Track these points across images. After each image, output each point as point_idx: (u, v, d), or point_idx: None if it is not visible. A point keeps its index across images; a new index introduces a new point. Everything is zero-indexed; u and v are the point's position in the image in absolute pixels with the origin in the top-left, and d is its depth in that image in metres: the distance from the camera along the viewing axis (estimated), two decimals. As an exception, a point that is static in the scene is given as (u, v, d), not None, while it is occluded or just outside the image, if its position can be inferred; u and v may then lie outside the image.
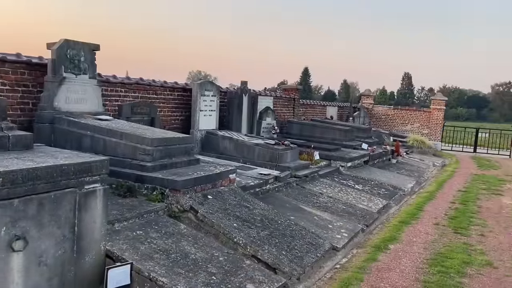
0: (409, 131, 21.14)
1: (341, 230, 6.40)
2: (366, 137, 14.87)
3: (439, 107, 21.56)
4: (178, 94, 9.88)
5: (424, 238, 6.44)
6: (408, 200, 9.33)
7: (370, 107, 22.36)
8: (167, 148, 6.07)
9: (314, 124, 13.99)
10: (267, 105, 12.66)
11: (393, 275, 4.95)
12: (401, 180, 11.22)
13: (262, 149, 8.94)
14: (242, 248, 4.87)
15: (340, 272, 5.00)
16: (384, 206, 8.37)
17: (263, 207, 6.13)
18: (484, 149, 21.34)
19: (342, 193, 8.65)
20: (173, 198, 5.33)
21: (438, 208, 8.45)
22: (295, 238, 5.51)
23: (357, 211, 7.58)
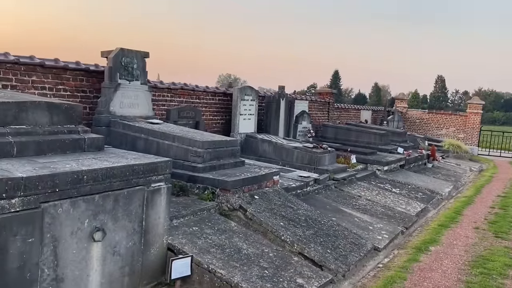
0: (444, 136, 20.92)
1: (382, 232, 6.59)
2: (401, 141, 14.88)
3: (476, 111, 21.23)
4: (219, 98, 10.28)
5: (464, 241, 6.54)
6: (446, 204, 9.37)
7: (404, 111, 22.23)
8: (216, 150, 6.43)
9: (349, 128, 14.13)
10: (303, 109, 12.91)
11: (435, 275, 5.12)
12: (438, 184, 11.23)
13: (301, 152, 9.20)
14: (289, 245, 5.15)
15: (383, 271, 5.21)
16: (422, 210, 8.48)
17: (306, 207, 6.40)
18: (523, 154, 20.86)
19: (380, 196, 8.81)
20: (223, 197, 5.67)
21: (477, 213, 8.48)
22: (338, 237, 5.75)
23: (395, 214, 7.73)
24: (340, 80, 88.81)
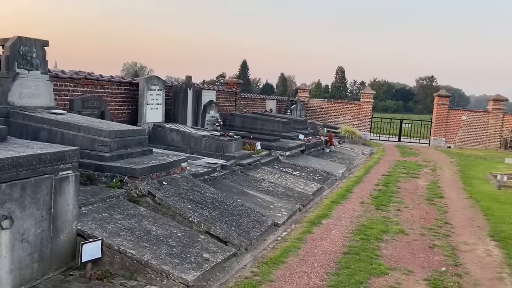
0: (342, 123, 22.73)
1: (282, 210, 7.28)
2: (303, 129, 15.99)
3: (368, 100, 23.36)
4: (125, 88, 10.26)
5: (351, 214, 7.49)
6: (339, 184, 10.45)
7: (306, 100, 23.67)
8: (123, 139, 6.58)
9: (255, 116, 14.84)
10: (211, 99, 13.30)
11: (324, 243, 5.89)
12: (333, 166, 12.39)
13: (209, 140, 9.61)
14: (197, 225, 5.56)
15: (281, 243, 5.86)
16: (318, 189, 9.40)
17: (213, 191, 6.85)
18: (407, 138, 23.48)
19: (282, 178, 9.57)
20: (132, 184, 5.89)
21: (364, 190, 9.62)
22: (242, 216, 6.29)
23: (295, 194, 8.51)
24: (249, 70, 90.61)
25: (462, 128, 22.12)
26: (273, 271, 4.81)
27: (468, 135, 22.07)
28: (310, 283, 4.57)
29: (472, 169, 13.88)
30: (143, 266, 4.34)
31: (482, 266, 5.39)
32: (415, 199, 9.01)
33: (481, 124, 21.92)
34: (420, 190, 9.98)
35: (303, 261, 5.18)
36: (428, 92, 75.76)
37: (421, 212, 7.94)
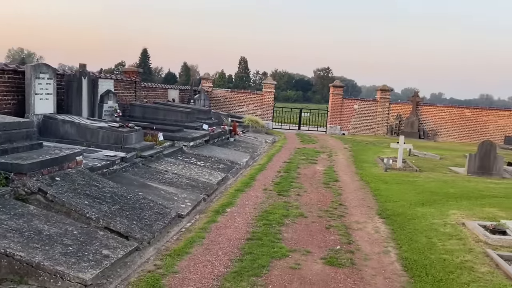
0: (245, 112, 23.12)
1: (186, 201, 7.22)
2: (207, 119, 15.97)
3: (270, 90, 24.05)
4: (9, 76, 9.29)
5: (254, 201, 7.69)
6: (243, 172, 10.66)
7: (210, 90, 23.64)
8: (7, 132, 5.99)
9: (156, 106, 14.44)
10: (108, 88, 12.64)
11: (229, 231, 5.98)
12: (237, 155, 12.59)
13: (107, 132, 9.15)
14: (95, 221, 5.29)
15: (185, 234, 5.82)
16: (223, 179, 9.48)
17: (112, 185, 6.55)
18: (307, 127, 24.70)
19: (186, 169, 9.48)
20: (19, 181, 5.39)
21: (267, 177, 9.93)
22: (144, 209, 6.12)
23: (199, 184, 8.50)
24: (150, 59, 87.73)
25: (355, 116, 23.82)
26: (177, 263, 4.77)
27: (359, 122, 23.85)
28: (215, 271, 4.62)
29: (363, 154, 15.05)
30: (34, 269, 4.02)
31: (371, 242, 5.89)
32: (313, 183, 9.53)
33: (371, 112, 23.81)
34: (318, 175, 10.58)
35: (208, 250, 5.21)
36: (324, 83, 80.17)
37: (318, 195, 8.42)
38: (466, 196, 8.45)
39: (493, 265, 4.96)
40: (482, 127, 22.90)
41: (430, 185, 9.52)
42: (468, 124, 23.13)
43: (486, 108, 24.28)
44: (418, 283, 4.54)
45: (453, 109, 23.91)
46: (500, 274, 4.72)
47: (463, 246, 5.59)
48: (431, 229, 6.30)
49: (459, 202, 7.93)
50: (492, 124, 22.80)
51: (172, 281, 4.33)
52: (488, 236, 5.76)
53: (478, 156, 11.45)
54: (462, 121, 23.22)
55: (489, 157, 11.38)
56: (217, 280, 4.41)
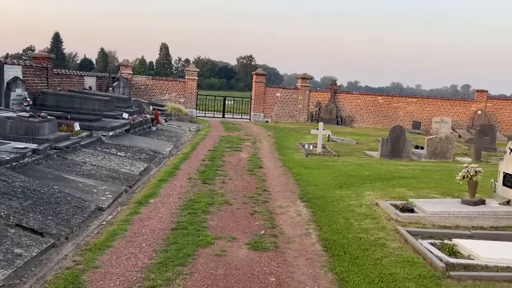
0: (168, 100, 22.63)
1: (106, 193, 6.94)
2: (127, 107, 15.38)
3: (193, 78, 23.74)
4: None
5: (179, 190, 7.60)
6: (167, 162, 10.47)
7: (129, 77, 22.76)
8: None
9: (72, 95, 13.62)
10: (16, 75, 11.66)
11: (153, 222, 5.86)
12: (160, 145, 12.32)
13: (15, 122, 8.47)
14: (5, 219, 4.91)
15: (106, 227, 5.61)
16: (145, 169, 9.24)
17: (24, 179, 6.11)
18: (231, 115, 24.79)
19: (105, 160, 9.09)
20: None
21: (191, 166, 9.85)
22: (61, 204, 5.79)
23: (120, 175, 8.20)
24: (63, 44, 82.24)
25: (277, 104, 24.35)
26: (99, 257, 4.59)
27: (282, 110, 24.43)
28: (139, 263, 4.52)
29: (286, 141, 15.48)
30: None
31: (294, 225, 6.12)
32: (238, 171, 9.63)
33: (292, 100, 24.49)
34: (243, 162, 10.71)
35: (131, 243, 5.07)
36: (248, 71, 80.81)
37: (243, 182, 8.54)
38: (379, 178, 9.05)
39: (402, 241, 5.39)
40: (393, 113, 24.56)
41: (347, 169, 10.06)
42: (381, 111, 24.68)
43: (397, 96, 26.04)
44: (337, 262, 4.80)
45: (367, 96, 25.34)
46: (408, 249, 5.14)
47: (376, 224, 6.01)
48: (348, 210, 6.68)
49: (373, 184, 8.48)
50: (402, 110, 24.54)
51: (93, 277, 4.16)
52: (398, 214, 6.24)
53: (390, 141, 12.30)
54: (375, 108, 24.71)
55: (399, 141, 12.27)
56: (142, 272, 4.32)
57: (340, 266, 4.68)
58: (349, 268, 4.61)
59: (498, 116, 23.47)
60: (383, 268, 4.60)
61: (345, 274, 4.46)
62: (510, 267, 4.57)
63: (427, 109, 24.24)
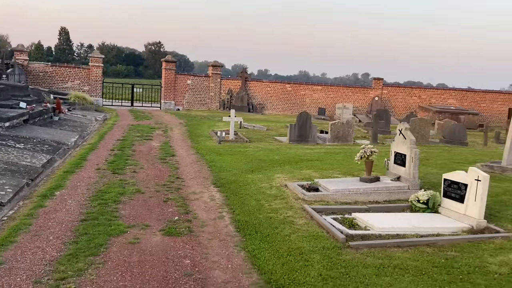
0: (70, 88, 21.33)
1: (5, 187, 6.47)
2: (24, 96, 14.27)
3: (98, 64, 22.58)
4: None
5: (87, 181, 7.33)
6: (72, 153, 9.97)
7: (25, 64, 21.01)
8: None
9: (-43, 82, 12.28)
10: None
11: (60, 214, 5.62)
12: (64, 135, 11.65)
13: None
14: None
15: (7, 222, 5.27)
16: (48, 161, 8.72)
17: None
18: (140, 103, 24.09)
19: (2, 153, 8.42)
20: None
21: (100, 156, 9.50)
22: (-48, 201, 5.30)
23: (20, 168, 7.67)
24: None
25: (188, 91, 24.15)
26: (1, 253, 4.33)
27: (193, 98, 24.30)
28: (46, 257, 4.34)
29: (198, 128, 15.50)
30: None
31: (208, 209, 6.26)
32: (149, 159, 9.50)
33: (204, 87, 24.46)
34: (154, 151, 10.57)
35: (37, 237, 4.84)
36: (156, 58, 78.56)
37: (155, 171, 8.46)
38: (288, 161, 9.53)
39: (308, 217, 5.80)
40: (300, 100, 25.68)
41: (259, 154, 10.42)
42: (290, 98, 25.67)
43: (304, 83, 27.23)
44: (249, 241, 5.05)
45: (277, 84, 26.16)
46: (314, 224, 5.55)
47: (285, 204, 6.37)
48: (259, 193, 6.98)
49: (282, 167, 8.91)
50: (308, 97, 25.74)
51: (-4, 274, 3.93)
52: (305, 194, 6.67)
53: (297, 126, 12.93)
54: (284, 95, 25.63)
55: (306, 127, 12.95)
56: (50, 265, 4.17)
57: (252, 244, 4.92)
58: (260, 246, 4.87)
59: (392, 101, 25.68)
60: (291, 243, 4.94)
61: (257, 251, 4.72)
62: (399, 234, 5.17)
63: (331, 96, 25.71)
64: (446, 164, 9.46)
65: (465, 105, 24.95)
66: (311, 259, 4.49)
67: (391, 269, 4.25)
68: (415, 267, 4.31)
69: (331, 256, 4.57)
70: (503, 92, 27.00)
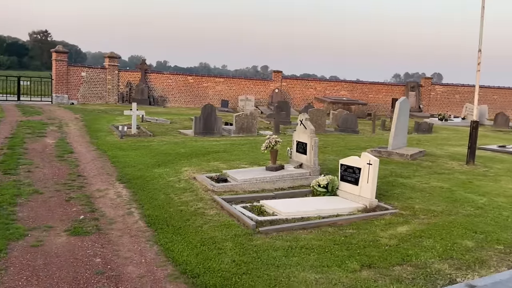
0: None
1: None
2: None
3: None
4: None
5: (-26, 184, 6.65)
6: (-48, 154, 8.91)
7: None
8: None
9: None
10: None
11: None
12: None
13: None
14: None
15: None
16: None
17: None
18: (28, 97, 22.12)
19: None
20: None
21: (-14, 156, 8.63)
22: None
23: None
24: None
25: (83, 84, 22.76)
26: None
27: (89, 91, 22.96)
28: None
29: (97, 123, 14.75)
30: None
31: (115, 206, 6.09)
32: (45, 158, 8.88)
33: (100, 80, 23.23)
34: (49, 149, 9.88)
35: None
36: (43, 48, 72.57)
37: (53, 169, 7.95)
38: (195, 154, 9.57)
39: (219, 208, 5.95)
40: (203, 93, 25.67)
41: (164, 148, 10.30)
42: (192, 90, 25.51)
43: (206, 76, 27.24)
44: (161, 234, 5.04)
45: (178, 76, 25.81)
46: (224, 214, 5.71)
47: (195, 196, 6.44)
48: (168, 186, 6.95)
49: (189, 160, 8.94)
50: (211, 89, 25.83)
51: None
52: (214, 185, 6.80)
53: (202, 119, 12.98)
54: (187, 88, 25.40)
55: (210, 119, 13.05)
56: None
57: (165, 238, 4.93)
58: (173, 238, 4.90)
59: (291, 93, 26.89)
60: (203, 233, 5.04)
61: (170, 244, 4.74)
62: (303, 217, 5.56)
63: (234, 88, 26.12)
64: (341, 150, 10.27)
65: (355, 96, 27.05)
66: (224, 247, 4.64)
67: (298, 250, 4.58)
68: (319, 246, 4.69)
69: (243, 243, 4.76)
70: (386, 83, 29.74)
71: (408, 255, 4.44)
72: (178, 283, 3.92)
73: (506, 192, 6.89)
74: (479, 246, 4.70)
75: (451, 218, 5.55)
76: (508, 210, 5.94)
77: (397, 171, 8.12)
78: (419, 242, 4.78)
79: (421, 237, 4.93)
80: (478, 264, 4.26)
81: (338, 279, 3.93)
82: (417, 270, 4.13)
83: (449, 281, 3.92)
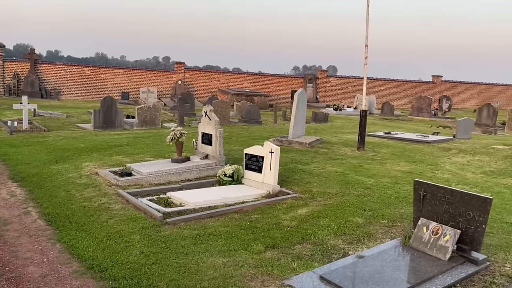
0: None
1: None
2: None
3: None
4: None
5: None
6: None
7: None
8: None
9: None
10: None
11: None
12: None
13: None
14: None
15: None
16: None
17: None
18: None
19: None
20: None
21: None
22: None
23: None
24: None
25: (-39, 75, 20.37)
26: None
27: (-32, 82, 20.62)
28: None
29: (-20, 118, 13.37)
30: None
31: (9, 206, 5.68)
32: None
33: (-18, 70, 20.99)
34: None
35: None
36: None
37: None
38: (95, 148, 9.20)
39: (124, 202, 5.86)
40: (101, 85, 24.47)
41: (61, 143, 9.74)
42: (89, 82, 24.18)
43: (104, 67, 25.98)
44: (64, 232, 4.86)
45: (73, 67, 24.27)
46: (130, 208, 5.65)
47: (99, 192, 6.26)
48: (68, 183, 6.65)
49: (90, 155, 8.59)
50: (110, 81, 24.72)
51: None
52: (118, 179, 6.66)
53: (102, 112, 12.45)
54: (83, 80, 24.01)
55: (111, 112, 12.58)
56: None
57: (68, 235, 4.76)
58: (77, 235, 4.76)
59: (194, 85, 26.80)
60: (109, 228, 4.96)
61: (74, 241, 4.60)
62: (210, 206, 5.73)
63: (134, 80, 25.29)
64: (245, 141, 10.61)
65: (258, 88, 27.83)
66: (131, 240, 4.63)
67: (206, 237, 4.74)
68: (226, 232, 4.90)
69: (151, 234, 4.79)
70: (286, 76, 31.02)
71: (307, 234, 4.84)
72: (85, 278, 3.85)
73: (390, 174, 7.74)
74: (368, 222, 5.27)
75: (344, 199, 6.12)
76: (392, 189, 6.71)
77: (297, 158, 8.65)
78: (317, 222, 5.22)
79: (318, 217, 5.39)
80: (366, 238, 4.80)
81: (245, 261, 4.17)
82: (315, 247, 4.54)
83: (342, 254, 4.37)
